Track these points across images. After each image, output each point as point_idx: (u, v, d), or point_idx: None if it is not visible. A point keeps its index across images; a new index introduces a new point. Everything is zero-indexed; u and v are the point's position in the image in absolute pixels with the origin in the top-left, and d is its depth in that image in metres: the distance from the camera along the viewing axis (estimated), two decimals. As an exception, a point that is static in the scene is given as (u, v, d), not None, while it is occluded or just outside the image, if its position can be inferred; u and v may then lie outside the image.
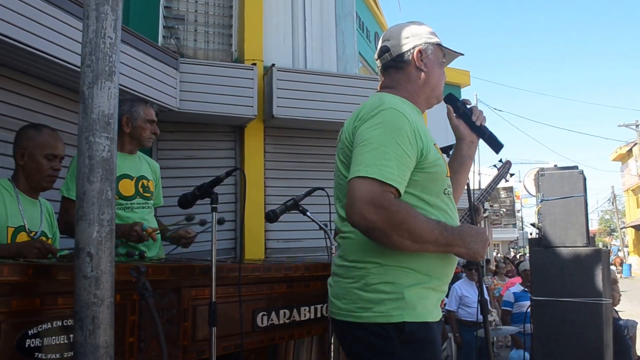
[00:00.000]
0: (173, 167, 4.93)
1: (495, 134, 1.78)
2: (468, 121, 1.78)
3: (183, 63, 4.85)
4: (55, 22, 3.34)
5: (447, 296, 5.35)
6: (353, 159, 1.45)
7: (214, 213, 1.86)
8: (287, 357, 2.39)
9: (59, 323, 1.49)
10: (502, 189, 25.74)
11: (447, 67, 1.82)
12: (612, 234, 45.47)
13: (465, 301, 5.37)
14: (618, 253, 31.42)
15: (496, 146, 1.78)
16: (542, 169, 3.86)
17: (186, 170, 5.07)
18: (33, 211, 2.27)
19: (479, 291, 2.32)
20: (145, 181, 2.68)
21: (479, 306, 2.26)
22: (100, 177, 1.41)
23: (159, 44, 4.99)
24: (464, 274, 5.85)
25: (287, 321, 2.18)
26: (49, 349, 1.47)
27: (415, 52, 1.64)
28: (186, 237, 2.59)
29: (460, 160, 1.80)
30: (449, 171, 1.63)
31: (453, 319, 5.36)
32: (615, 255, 28.86)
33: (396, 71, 1.67)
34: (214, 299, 1.75)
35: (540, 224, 3.71)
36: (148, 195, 2.68)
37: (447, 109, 1.80)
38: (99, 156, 1.42)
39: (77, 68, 1.67)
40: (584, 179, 3.64)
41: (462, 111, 1.78)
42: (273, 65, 5.26)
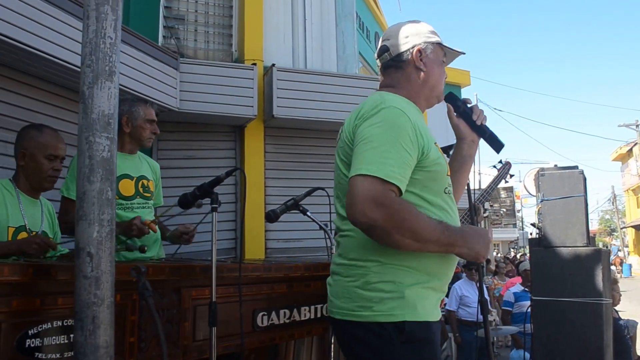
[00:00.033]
0: (173, 167, 4.93)
1: (495, 134, 1.77)
2: (468, 120, 1.77)
3: (183, 63, 4.86)
4: (55, 22, 3.34)
5: (447, 296, 5.35)
6: (354, 157, 1.44)
7: (214, 213, 1.86)
8: (287, 357, 2.39)
9: (59, 323, 1.49)
10: (502, 189, 25.78)
11: (447, 67, 1.81)
12: (612, 234, 45.46)
13: (465, 301, 5.37)
14: (618, 253, 31.44)
15: (497, 145, 1.77)
16: (542, 169, 3.86)
17: (186, 170, 5.08)
18: (34, 211, 2.27)
19: (479, 291, 2.31)
20: (145, 181, 2.68)
21: (479, 306, 2.25)
22: (100, 177, 1.41)
23: (159, 44, 4.99)
24: (464, 274, 5.85)
25: (288, 321, 2.17)
26: (49, 349, 1.46)
27: (414, 52, 1.63)
28: (186, 233, 2.58)
29: (460, 159, 1.79)
30: (450, 171, 1.62)
31: (453, 319, 5.36)
32: (615, 255, 28.86)
33: (396, 70, 1.66)
34: (214, 299, 1.75)
35: (540, 224, 3.71)
36: (148, 195, 2.68)
37: (448, 108, 1.78)
38: (99, 156, 1.41)
39: (77, 68, 1.67)
40: (584, 179, 3.64)
41: (463, 110, 1.77)
42: (273, 65, 5.27)
